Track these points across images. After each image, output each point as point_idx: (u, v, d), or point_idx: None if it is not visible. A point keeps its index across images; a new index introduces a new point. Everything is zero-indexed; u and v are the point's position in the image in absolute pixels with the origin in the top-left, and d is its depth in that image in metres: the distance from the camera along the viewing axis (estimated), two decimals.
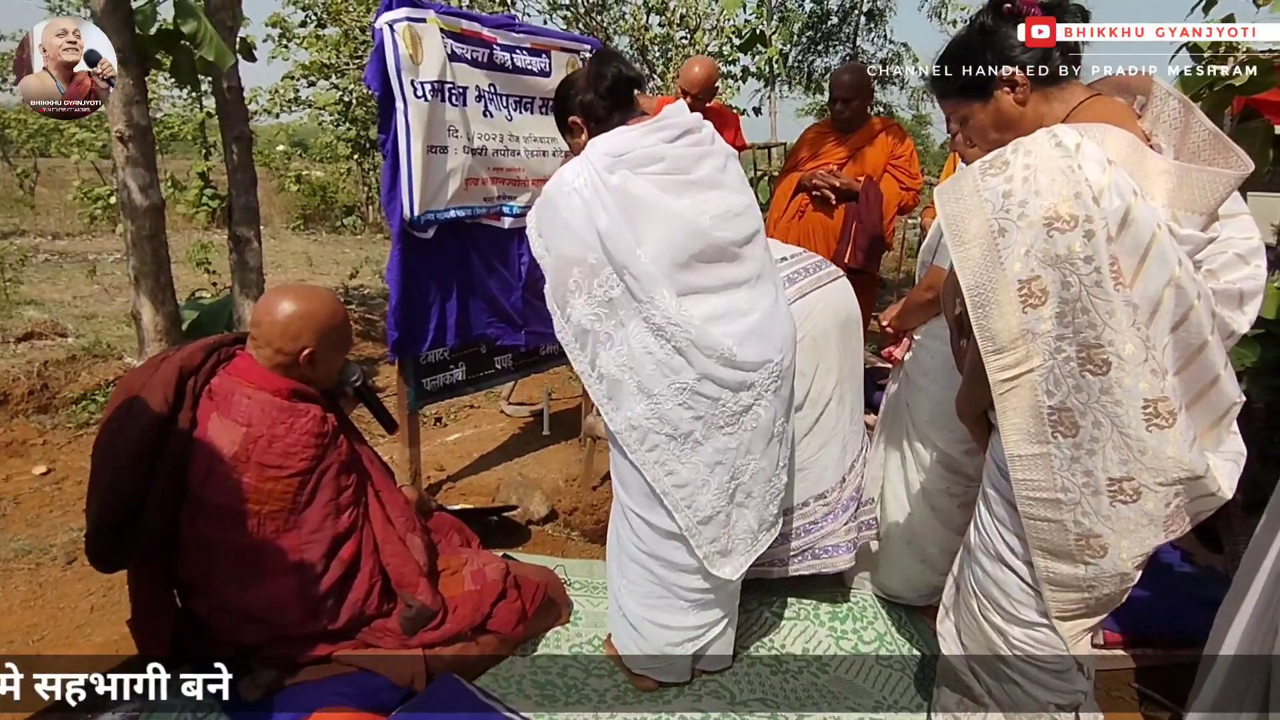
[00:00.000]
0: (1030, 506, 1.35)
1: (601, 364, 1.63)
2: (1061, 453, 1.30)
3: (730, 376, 1.62)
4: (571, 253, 1.60)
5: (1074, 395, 1.26)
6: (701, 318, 1.59)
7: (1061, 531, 1.34)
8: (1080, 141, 1.22)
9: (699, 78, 3.20)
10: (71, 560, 2.40)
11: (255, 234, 3.51)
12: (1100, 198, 1.18)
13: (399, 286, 2.52)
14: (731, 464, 1.67)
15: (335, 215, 11.23)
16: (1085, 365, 1.24)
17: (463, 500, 2.88)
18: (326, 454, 1.74)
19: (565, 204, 1.60)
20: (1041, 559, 1.37)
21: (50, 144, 11.36)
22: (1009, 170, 1.24)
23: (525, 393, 4.10)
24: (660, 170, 1.62)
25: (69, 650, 1.99)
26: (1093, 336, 1.22)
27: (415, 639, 1.80)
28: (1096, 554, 1.33)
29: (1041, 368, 1.27)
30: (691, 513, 1.68)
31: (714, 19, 8.08)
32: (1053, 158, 1.21)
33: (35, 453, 3.18)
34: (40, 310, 5.40)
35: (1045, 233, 1.20)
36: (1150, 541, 1.32)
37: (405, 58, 2.33)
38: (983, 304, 1.28)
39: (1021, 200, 1.21)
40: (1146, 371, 1.22)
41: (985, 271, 1.26)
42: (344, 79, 8.66)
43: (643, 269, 1.56)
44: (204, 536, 1.67)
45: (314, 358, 1.74)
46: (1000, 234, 1.24)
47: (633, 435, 1.65)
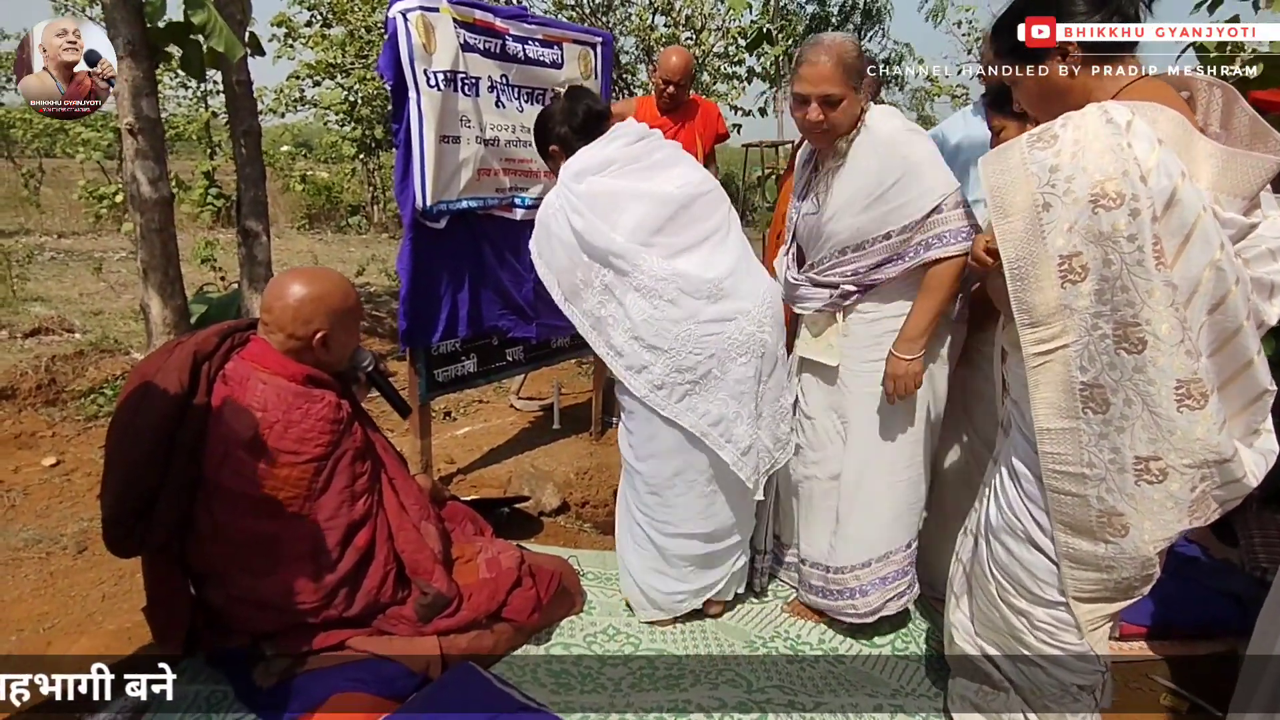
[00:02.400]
0: (1055, 480, 1.35)
1: (615, 342, 1.87)
2: (1090, 429, 1.30)
3: (724, 308, 1.83)
4: (567, 262, 1.88)
5: (1107, 372, 1.26)
6: (686, 267, 1.83)
7: (1084, 507, 1.34)
8: (1131, 119, 1.21)
9: (677, 66, 3.23)
10: (82, 549, 2.39)
11: (264, 228, 3.50)
12: (1148, 177, 1.18)
13: (409, 276, 2.51)
14: (751, 391, 1.87)
15: (341, 215, 11.23)
16: (1121, 343, 1.24)
17: (474, 492, 2.87)
18: (342, 440, 1.73)
19: (553, 223, 1.90)
20: (1062, 534, 1.37)
21: (55, 144, 11.37)
22: (1057, 144, 1.23)
23: (534, 387, 4.09)
24: (618, 168, 1.90)
25: (81, 637, 1.98)
26: (1130, 315, 1.22)
27: (430, 626, 1.79)
28: (1118, 533, 1.33)
29: (1077, 344, 1.27)
30: (733, 447, 1.86)
31: (719, 19, 8.09)
32: (1103, 134, 1.20)
33: (44, 445, 3.17)
34: (47, 306, 5.40)
35: (1090, 209, 1.20)
36: (1173, 525, 1.31)
37: (418, 47, 2.32)
38: (1022, 277, 1.28)
39: (1069, 175, 1.21)
40: (1181, 352, 1.21)
41: (1027, 245, 1.27)
42: (349, 78, 8.68)
43: (621, 246, 1.81)
44: (219, 523, 1.66)
45: (327, 340, 1.73)
46: (1045, 208, 1.24)
47: (660, 394, 1.85)
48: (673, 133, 3.43)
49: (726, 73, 8.16)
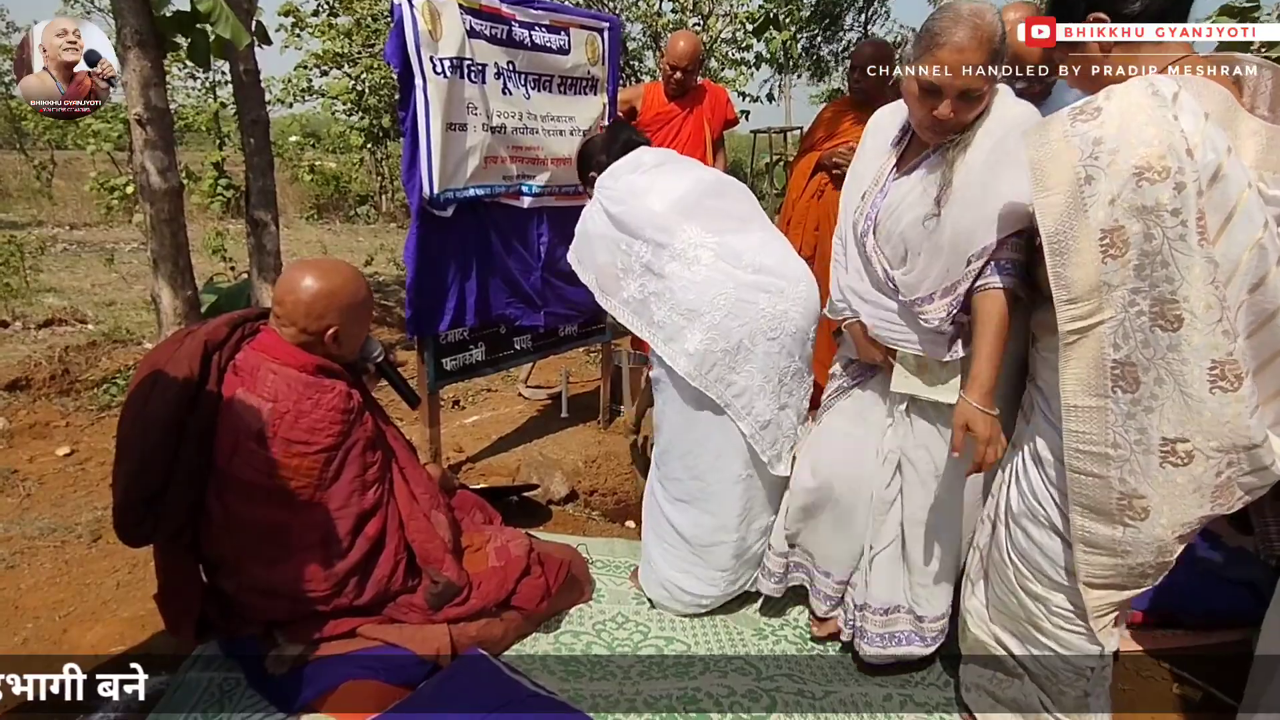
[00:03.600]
0: (1078, 460, 1.33)
1: (657, 318, 1.88)
2: (1119, 408, 1.27)
3: (762, 280, 1.85)
4: (606, 257, 1.94)
5: (1140, 350, 1.24)
6: (725, 239, 1.87)
7: (1105, 489, 1.31)
8: (1178, 92, 1.19)
9: (685, 51, 3.21)
10: (97, 538, 2.42)
11: (273, 218, 3.50)
12: (1194, 151, 1.16)
13: (416, 264, 2.50)
14: (777, 367, 1.88)
15: (349, 205, 11.25)
16: (1157, 320, 1.22)
17: (483, 481, 2.88)
18: (352, 430, 1.74)
19: (591, 224, 1.99)
20: (1079, 516, 1.35)
21: (66, 135, 11.43)
22: (1101, 116, 1.21)
23: (542, 376, 4.09)
24: (648, 167, 2.00)
25: (96, 625, 2.00)
26: (1169, 291, 1.20)
27: (440, 615, 1.80)
28: (1137, 515, 1.31)
29: (1113, 320, 1.24)
30: (753, 419, 1.87)
31: (727, 4, 8.01)
32: (1148, 106, 1.18)
33: (58, 434, 3.20)
34: (60, 298, 5.45)
35: (1134, 183, 1.17)
36: (1194, 511, 1.29)
37: (424, 34, 2.31)
38: (1061, 251, 1.25)
39: (1113, 149, 1.19)
40: (1218, 331, 1.19)
41: (1067, 219, 1.24)
42: (356, 67, 8.65)
43: (662, 214, 1.87)
44: (231, 512, 1.67)
45: (339, 335, 1.73)
46: (1087, 181, 1.22)
47: (692, 363, 1.84)
48: (681, 118, 3.40)
49: (734, 59, 8.09)
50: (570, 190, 2.92)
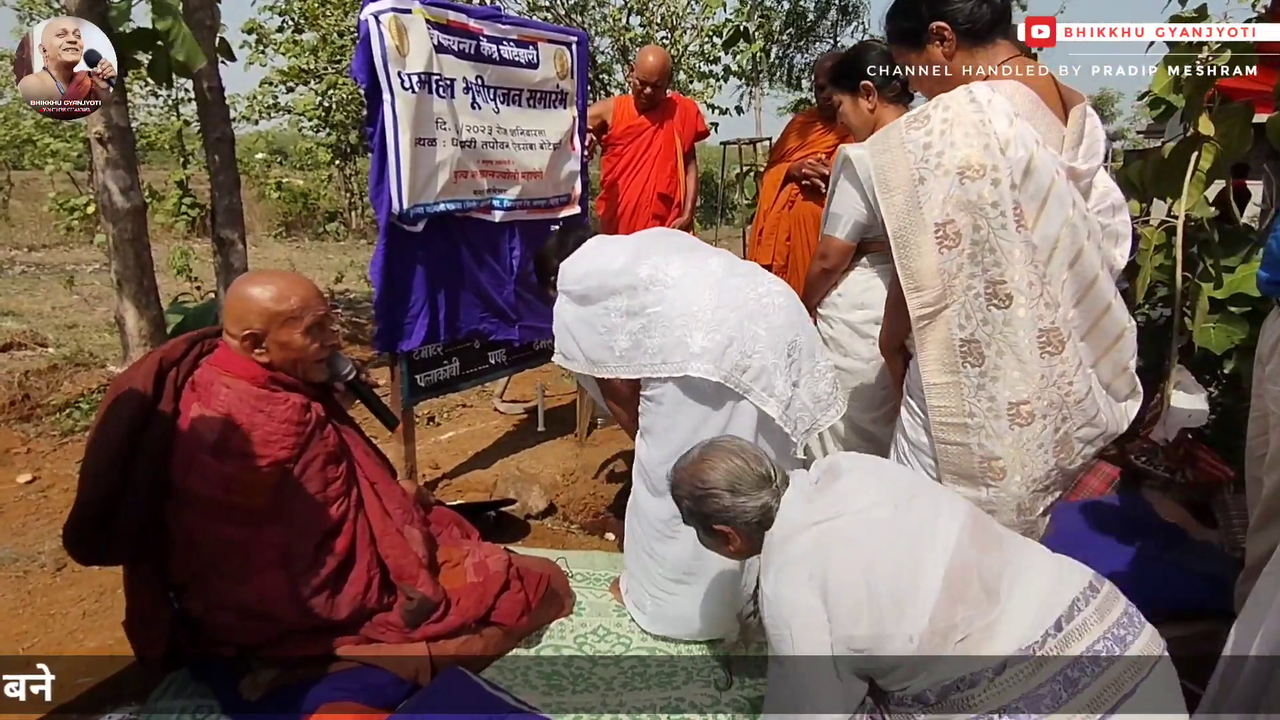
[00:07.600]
0: (942, 431, 1.49)
1: (652, 345, 1.87)
2: (970, 380, 1.44)
3: (731, 271, 1.93)
4: (588, 337, 1.96)
5: (981, 328, 1.41)
6: (691, 258, 1.95)
7: (967, 454, 1.47)
8: (992, 98, 1.36)
9: (654, 66, 3.23)
10: (61, 567, 2.35)
11: (240, 236, 3.44)
12: (1006, 149, 1.33)
13: (382, 280, 2.48)
14: (784, 341, 1.87)
15: (318, 222, 11.12)
16: (991, 300, 1.39)
17: (459, 497, 2.85)
18: (310, 444, 1.71)
19: (564, 315, 2.01)
20: (951, 482, 1.51)
21: (24, 155, 11.16)
22: (930, 124, 1.38)
23: (518, 390, 4.07)
24: (595, 245, 2.07)
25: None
26: (997, 274, 1.37)
27: (419, 632, 1.78)
28: (997, 476, 1.47)
29: (955, 304, 1.41)
30: (776, 400, 1.85)
31: (695, 18, 8.09)
32: (967, 112, 1.35)
33: (19, 461, 3.11)
34: (19, 321, 5.31)
35: (958, 180, 1.35)
36: (1041, 467, 1.46)
37: (391, 49, 2.30)
38: (904, 245, 1.42)
39: (939, 151, 1.36)
40: (1041, 304, 1.38)
41: (907, 215, 1.41)
42: (322, 83, 8.58)
43: (624, 265, 1.91)
44: (190, 531, 1.65)
45: (263, 341, 1.69)
46: (920, 182, 1.38)
47: (708, 358, 1.82)
48: (652, 132, 3.42)
49: (703, 71, 8.16)
50: (541, 203, 2.93)
